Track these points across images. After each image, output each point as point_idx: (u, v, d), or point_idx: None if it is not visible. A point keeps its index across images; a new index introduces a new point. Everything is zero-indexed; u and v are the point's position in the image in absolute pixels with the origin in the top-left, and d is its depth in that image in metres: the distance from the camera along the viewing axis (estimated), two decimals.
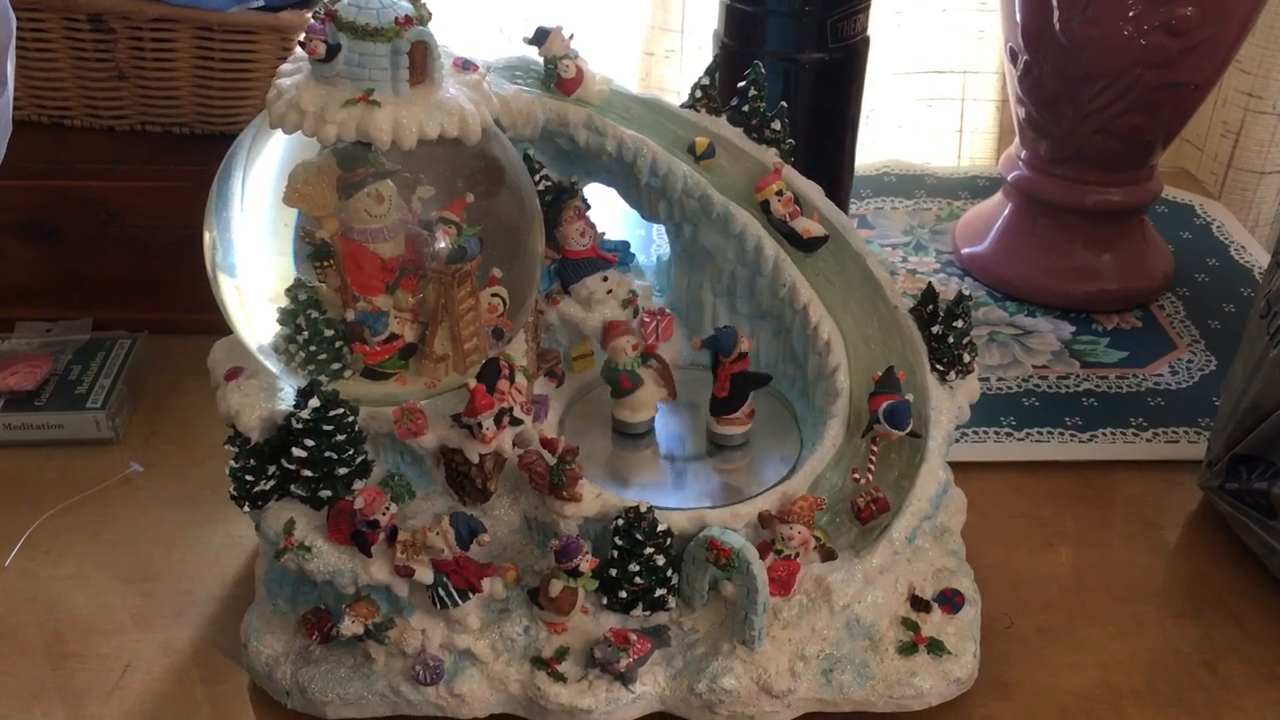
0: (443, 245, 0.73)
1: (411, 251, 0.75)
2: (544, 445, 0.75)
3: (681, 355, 0.92)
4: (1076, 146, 1.15)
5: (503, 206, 0.77)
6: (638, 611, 0.75)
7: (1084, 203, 1.16)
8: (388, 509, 0.71)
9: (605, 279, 0.86)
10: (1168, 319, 1.19)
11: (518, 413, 0.74)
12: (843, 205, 1.18)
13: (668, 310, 0.89)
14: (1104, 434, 1.03)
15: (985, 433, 1.02)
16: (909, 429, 0.79)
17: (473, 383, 0.71)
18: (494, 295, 0.78)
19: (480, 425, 0.71)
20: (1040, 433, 1.03)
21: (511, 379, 0.74)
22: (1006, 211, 1.23)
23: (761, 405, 0.86)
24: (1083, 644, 0.84)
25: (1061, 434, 1.03)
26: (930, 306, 0.84)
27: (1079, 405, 1.06)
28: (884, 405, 0.79)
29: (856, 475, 0.79)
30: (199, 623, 0.83)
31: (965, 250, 1.25)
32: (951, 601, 0.80)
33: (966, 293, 0.82)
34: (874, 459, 0.79)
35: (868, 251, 0.87)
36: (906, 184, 1.41)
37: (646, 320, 0.88)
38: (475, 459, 0.73)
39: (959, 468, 0.85)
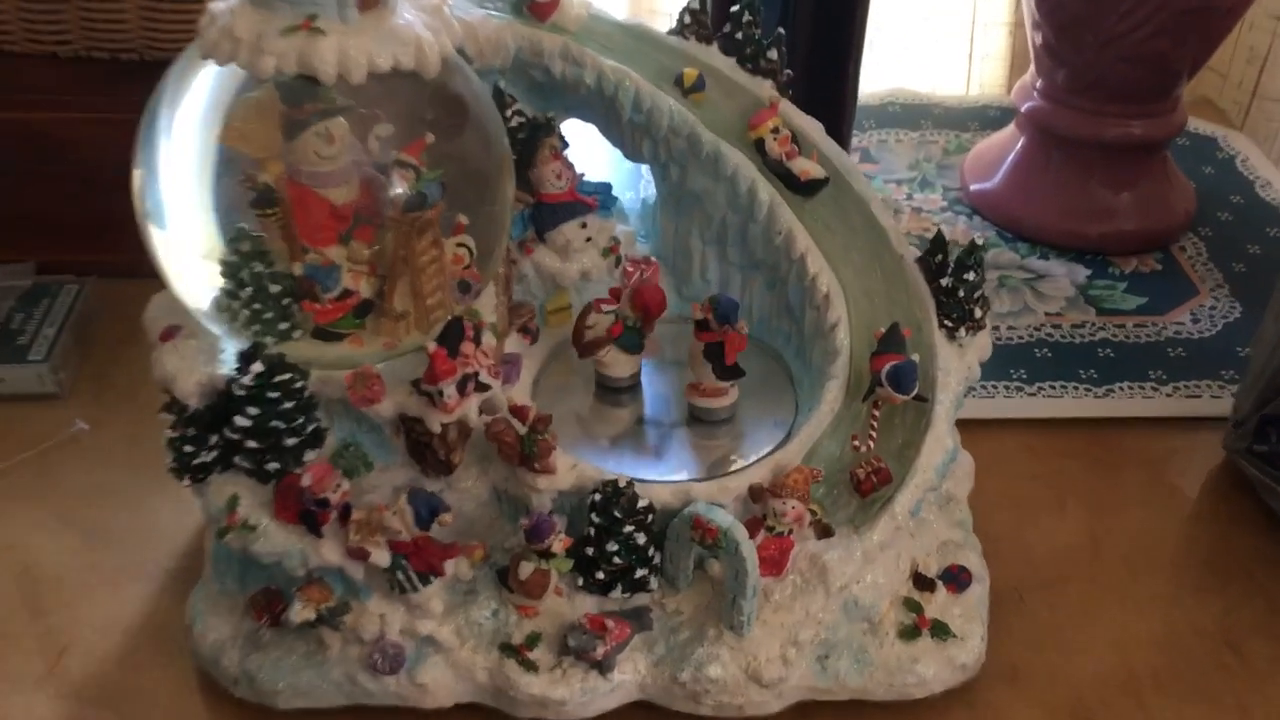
0: (399, 191, 0.66)
1: (367, 197, 0.68)
2: (513, 413, 0.68)
3: (670, 307, 0.84)
4: (1096, 75, 1.07)
5: (467, 147, 0.70)
6: (617, 593, 0.69)
7: (1103, 136, 1.09)
8: (339, 486, 0.64)
9: (584, 225, 0.79)
10: (1189, 261, 1.11)
11: (484, 377, 0.67)
12: (844, 138, 1.10)
13: (653, 258, 0.82)
14: (1121, 388, 0.96)
15: (994, 387, 0.96)
16: (914, 393, 0.72)
17: (432, 345, 0.64)
18: (459, 245, 0.71)
19: (441, 393, 0.65)
20: (1053, 387, 0.96)
21: (477, 340, 0.67)
22: (1019, 145, 1.16)
23: (754, 364, 0.78)
24: (1097, 622, 0.78)
25: (1076, 388, 0.96)
26: (939, 256, 0.77)
27: (1094, 356, 1.00)
28: (887, 366, 0.72)
29: (856, 443, 0.72)
30: (145, 598, 0.77)
31: (974, 186, 1.18)
32: (957, 579, 0.74)
33: (979, 241, 0.75)
34: (875, 425, 0.73)
35: (872, 195, 0.80)
36: (912, 114, 1.33)
37: (630, 269, 0.81)
38: (437, 429, 0.67)
39: (965, 426, 0.78)
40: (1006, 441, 0.91)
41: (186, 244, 0.67)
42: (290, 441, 0.67)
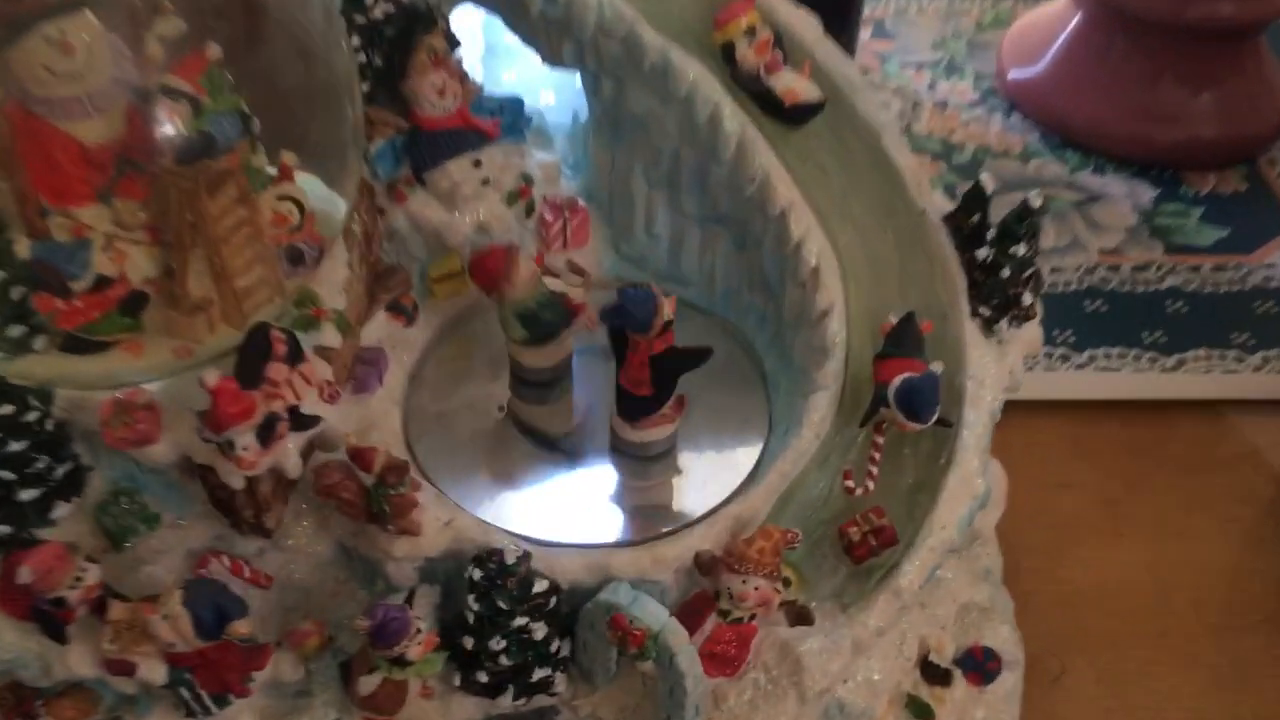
0: (169, 132, 0.44)
1: (138, 133, 0.46)
2: (354, 459, 0.47)
3: (603, 267, 0.62)
4: None
5: (277, 59, 0.47)
6: (507, 698, 0.49)
7: (1183, 16, 0.89)
8: (81, 578, 0.44)
9: (478, 164, 0.56)
10: None
11: (309, 407, 0.46)
12: (852, 8, 0.86)
13: (581, 202, 0.60)
14: (1195, 358, 0.76)
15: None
16: (934, 418, 0.51)
17: (213, 377, 0.43)
18: (283, 198, 0.49)
19: (231, 444, 0.44)
20: (1108, 355, 0.76)
21: (294, 357, 0.46)
22: (1074, 23, 0.95)
23: (717, 352, 0.56)
24: (1164, 702, 0.61)
25: (1137, 358, 0.76)
26: (976, 216, 0.55)
27: (1161, 312, 0.79)
28: (897, 381, 0.51)
29: (850, 482, 0.52)
30: None
31: (1014, 74, 0.97)
32: (982, 668, 0.55)
33: (1037, 203, 0.53)
34: (877, 458, 0.52)
35: (885, 123, 0.57)
36: None
37: (549, 219, 0.59)
38: (238, 484, 0.46)
39: None
40: (1046, 433, 0.72)
41: None
42: (26, 495, 0.46)
